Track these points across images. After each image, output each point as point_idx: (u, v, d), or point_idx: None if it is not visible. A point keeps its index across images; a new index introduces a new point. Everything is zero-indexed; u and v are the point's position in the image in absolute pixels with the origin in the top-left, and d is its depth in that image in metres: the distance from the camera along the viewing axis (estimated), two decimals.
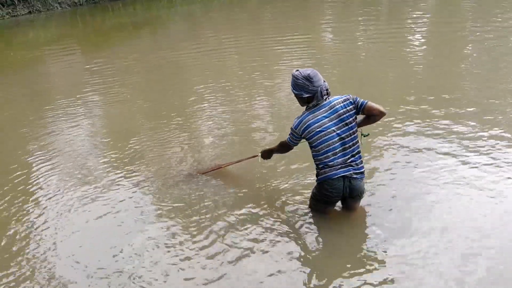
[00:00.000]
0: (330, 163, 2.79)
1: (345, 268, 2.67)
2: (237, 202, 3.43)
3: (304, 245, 2.93)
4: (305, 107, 2.89)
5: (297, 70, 2.79)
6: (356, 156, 2.82)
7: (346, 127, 2.75)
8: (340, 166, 2.79)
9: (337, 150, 2.77)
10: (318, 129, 2.75)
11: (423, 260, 2.63)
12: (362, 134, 2.97)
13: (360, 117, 2.87)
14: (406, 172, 3.58)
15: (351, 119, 2.75)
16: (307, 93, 2.74)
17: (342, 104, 2.75)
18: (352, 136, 2.77)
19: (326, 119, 2.75)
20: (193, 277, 2.74)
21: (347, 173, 2.79)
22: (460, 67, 6.62)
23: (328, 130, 2.74)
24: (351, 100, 2.76)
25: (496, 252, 2.65)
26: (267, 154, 3.37)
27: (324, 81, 2.75)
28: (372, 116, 2.79)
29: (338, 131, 2.74)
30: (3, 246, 3.26)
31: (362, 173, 2.87)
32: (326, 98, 2.77)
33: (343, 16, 12.12)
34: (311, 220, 3.11)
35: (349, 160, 2.79)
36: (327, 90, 2.75)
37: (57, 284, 2.82)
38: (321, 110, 2.76)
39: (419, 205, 3.15)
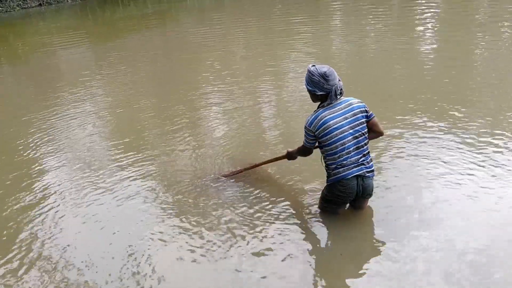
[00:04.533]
0: (344, 162, 2.73)
1: (354, 268, 2.62)
2: (247, 202, 3.31)
3: (313, 246, 2.83)
4: (317, 104, 2.84)
5: (313, 66, 2.73)
6: (367, 155, 2.79)
7: (360, 127, 2.73)
8: (353, 165, 2.74)
9: (351, 149, 2.72)
10: (334, 126, 2.68)
11: (430, 261, 2.57)
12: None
13: None
14: (416, 171, 3.45)
15: (363, 120, 2.74)
16: (321, 91, 2.69)
17: (357, 104, 2.74)
18: (365, 135, 2.76)
19: (342, 117, 2.70)
20: (199, 276, 2.65)
21: (360, 172, 2.76)
22: (474, 68, 6.41)
23: (344, 128, 2.69)
24: (364, 104, 2.79)
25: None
26: (291, 155, 3.20)
27: (339, 80, 2.69)
28: (371, 132, 2.82)
29: (352, 130, 2.71)
30: (4, 241, 3.19)
31: (373, 171, 2.85)
32: (340, 98, 2.73)
33: (353, 5, 11.94)
34: (320, 220, 3.02)
35: (361, 159, 2.76)
36: (341, 89, 2.70)
37: (60, 274, 2.78)
38: (337, 108, 2.71)
39: (428, 205, 3.06)
